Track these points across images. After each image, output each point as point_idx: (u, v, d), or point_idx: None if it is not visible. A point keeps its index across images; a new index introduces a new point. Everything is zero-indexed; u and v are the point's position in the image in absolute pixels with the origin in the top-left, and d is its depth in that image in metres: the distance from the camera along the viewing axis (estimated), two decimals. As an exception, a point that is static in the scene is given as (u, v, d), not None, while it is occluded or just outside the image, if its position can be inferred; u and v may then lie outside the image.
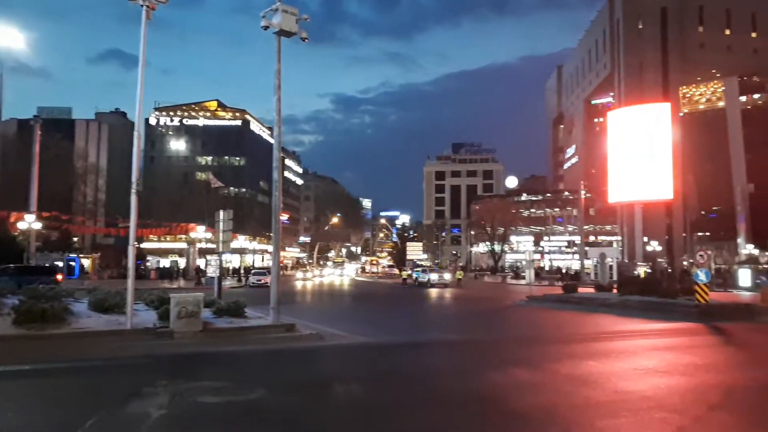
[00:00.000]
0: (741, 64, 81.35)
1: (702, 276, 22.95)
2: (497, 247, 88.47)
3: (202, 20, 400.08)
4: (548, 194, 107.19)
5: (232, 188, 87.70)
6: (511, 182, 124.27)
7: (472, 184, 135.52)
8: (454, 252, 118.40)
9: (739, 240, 75.61)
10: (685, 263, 65.52)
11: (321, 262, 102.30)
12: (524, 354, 13.48)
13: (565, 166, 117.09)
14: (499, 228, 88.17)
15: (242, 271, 60.99)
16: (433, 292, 42.32)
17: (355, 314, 25.41)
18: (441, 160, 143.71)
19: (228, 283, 50.43)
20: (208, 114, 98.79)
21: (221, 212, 21.13)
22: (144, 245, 65.65)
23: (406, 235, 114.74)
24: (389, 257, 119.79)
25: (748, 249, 66.86)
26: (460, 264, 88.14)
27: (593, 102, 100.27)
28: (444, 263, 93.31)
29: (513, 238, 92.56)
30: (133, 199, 14.81)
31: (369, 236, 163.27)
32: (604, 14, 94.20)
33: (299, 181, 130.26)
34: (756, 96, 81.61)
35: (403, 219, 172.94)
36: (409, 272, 58.12)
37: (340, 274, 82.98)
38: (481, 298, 36.11)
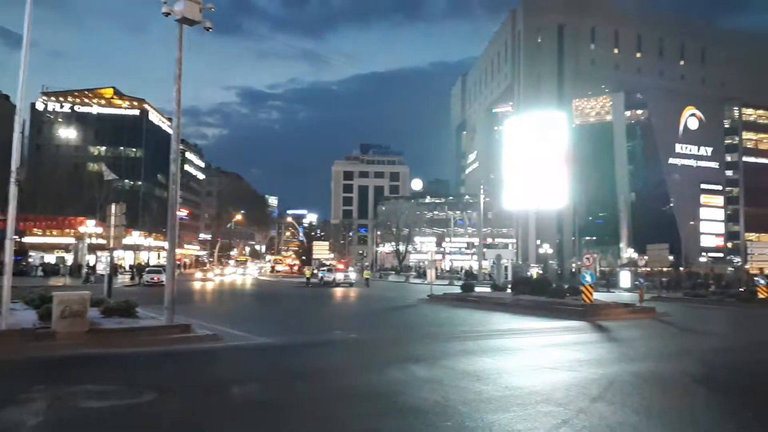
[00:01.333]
0: (627, 82, 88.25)
1: (587, 278, 24.60)
2: (402, 248, 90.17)
3: (97, 1, 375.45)
4: (451, 197, 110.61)
5: (127, 181, 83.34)
6: (417, 185, 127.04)
7: (379, 185, 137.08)
8: (361, 252, 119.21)
9: (622, 244, 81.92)
10: (573, 265, 69.92)
11: (223, 261, 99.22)
12: (422, 351, 13.79)
13: (467, 171, 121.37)
14: (404, 229, 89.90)
15: (136, 269, 57.91)
16: (338, 291, 42.34)
17: (256, 315, 24.88)
18: (349, 160, 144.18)
19: (120, 281, 47.83)
20: (103, 102, 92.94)
21: (113, 206, 19.97)
22: (26, 239, 60.60)
23: (313, 234, 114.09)
24: (295, 256, 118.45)
25: (629, 253, 72.54)
26: (366, 264, 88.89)
27: (494, 110, 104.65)
28: (351, 263, 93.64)
29: (417, 239, 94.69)
30: (13, 188, 13.63)
31: (274, 234, 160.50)
32: (506, 27, 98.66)
33: (201, 176, 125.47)
34: (639, 111, 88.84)
35: (311, 218, 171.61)
36: (315, 271, 57.76)
37: (243, 273, 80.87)
38: (384, 297, 36.56)
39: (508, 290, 34.30)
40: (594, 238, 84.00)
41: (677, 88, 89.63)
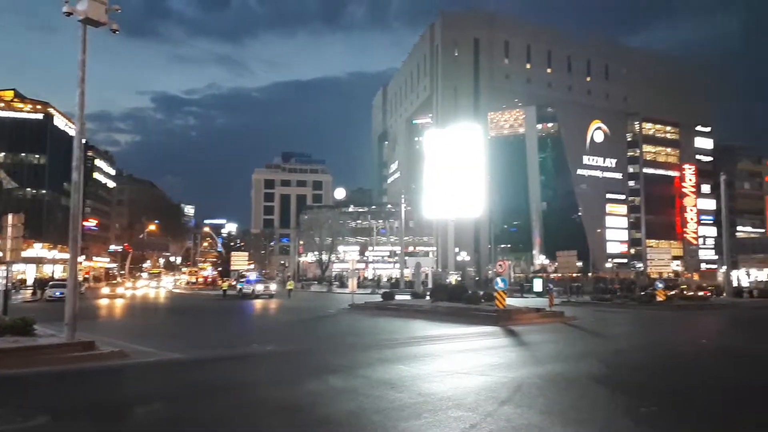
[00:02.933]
0: (538, 96, 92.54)
1: (500, 284, 25.41)
2: (325, 257, 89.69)
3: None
4: (373, 206, 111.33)
5: (29, 189, 78.27)
6: (339, 194, 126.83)
7: (302, 194, 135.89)
8: (283, 262, 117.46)
9: (534, 251, 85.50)
10: (490, 272, 72.10)
11: (135, 274, 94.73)
12: (340, 361, 13.76)
13: (389, 181, 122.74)
14: (327, 238, 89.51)
15: (38, 284, 54.18)
16: (258, 303, 41.45)
17: (168, 329, 23.87)
18: (271, 168, 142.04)
19: (21, 297, 44.75)
20: (2, 104, 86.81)
21: (10, 216, 18.64)
22: None
23: (232, 244, 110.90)
24: (213, 267, 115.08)
25: (541, 259, 75.81)
26: (289, 274, 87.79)
27: (414, 122, 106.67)
28: (272, 273, 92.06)
29: (341, 248, 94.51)
30: None
31: (191, 245, 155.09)
32: (425, 40, 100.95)
33: (111, 184, 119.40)
34: (550, 124, 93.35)
35: (230, 227, 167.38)
36: (233, 283, 56.36)
37: (156, 286, 77.56)
38: (305, 308, 36.21)
39: (428, 297, 34.92)
40: (509, 245, 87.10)
41: (584, 102, 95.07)
